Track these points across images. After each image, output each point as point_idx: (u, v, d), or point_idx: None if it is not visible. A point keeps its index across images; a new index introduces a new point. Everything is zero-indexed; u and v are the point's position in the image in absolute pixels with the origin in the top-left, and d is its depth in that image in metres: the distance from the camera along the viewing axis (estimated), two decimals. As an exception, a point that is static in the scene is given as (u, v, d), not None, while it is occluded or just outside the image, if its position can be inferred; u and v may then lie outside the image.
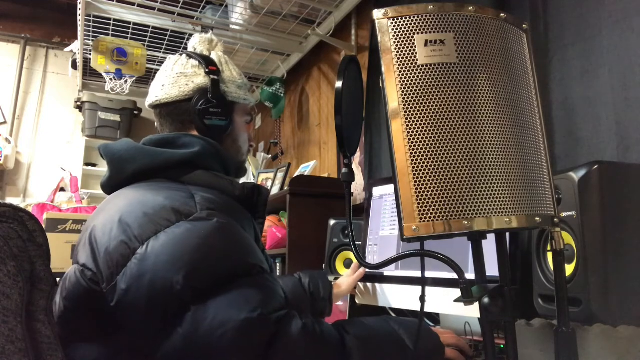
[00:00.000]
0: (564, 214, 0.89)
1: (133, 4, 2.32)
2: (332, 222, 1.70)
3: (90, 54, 2.66)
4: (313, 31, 2.52)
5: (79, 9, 2.24)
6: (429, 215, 0.54)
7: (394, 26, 0.58)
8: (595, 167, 0.88)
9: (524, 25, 0.63)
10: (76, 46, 2.75)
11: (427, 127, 0.55)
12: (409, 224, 0.54)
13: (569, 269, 0.89)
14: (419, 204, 0.54)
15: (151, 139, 1.00)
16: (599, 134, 1.23)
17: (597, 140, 1.24)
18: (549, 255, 0.96)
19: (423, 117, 0.55)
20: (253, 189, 1.00)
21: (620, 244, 0.85)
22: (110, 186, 0.97)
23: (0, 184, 3.66)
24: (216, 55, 1.10)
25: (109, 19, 2.43)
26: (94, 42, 2.58)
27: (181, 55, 1.09)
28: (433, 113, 0.55)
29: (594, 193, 0.87)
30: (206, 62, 1.06)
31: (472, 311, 0.99)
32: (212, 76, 1.04)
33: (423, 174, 0.54)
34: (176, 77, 1.05)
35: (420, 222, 0.54)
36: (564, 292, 0.62)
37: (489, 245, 0.64)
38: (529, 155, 0.59)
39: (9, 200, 3.62)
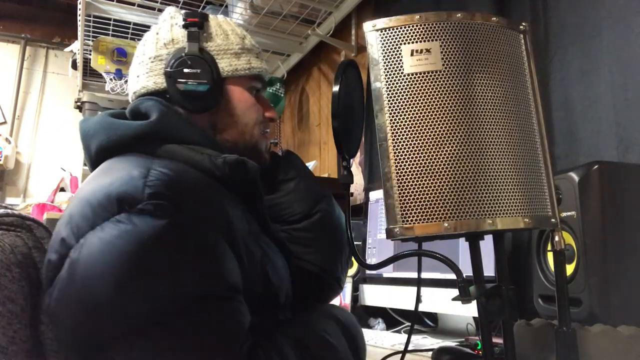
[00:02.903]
0: (564, 214, 0.89)
1: (133, 4, 2.32)
2: (332, 222, 1.69)
3: (90, 54, 2.65)
4: (313, 31, 2.52)
5: (79, 9, 2.23)
6: (411, 218, 0.56)
7: (382, 38, 0.59)
8: (595, 167, 0.88)
9: (520, 26, 0.63)
10: (76, 46, 2.75)
11: (409, 134, 0.57)
12: (392, 225, 0.56)
13: (569, 269, 0.89)
14: (401, 207, 0.56)
15: (129, 109, 0.82)
16: (599, 134, 1.23)
17: (597, 140, 1.24)
18: (549, 255, 0.96)
19: (406, 124, 0.57)
20: (237, 165, 0.75)
21: (620, 244, 0.85)
22: (89, 166, 0.81)
23: (0, 184, 3.66)
24: (214, 17, 0.88)
25: (109, 19, 2.43)
26: (94, 42, 2.58)
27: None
28: (416, 120, 0.57)
29: (594, 193, 0.87)
30: (188, 15, 0.84)
31: (473, 312, 0.99)
32: (190, 28, 0.82)
33: (406, 178, 0.56)
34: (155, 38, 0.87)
35: (403, 224, 0.56)
36: (564, 292, 0.62)
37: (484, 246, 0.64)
38: (522, 157, 0.59)
39: (9, 200, 3.62)
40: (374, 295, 1.55)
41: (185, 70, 0.80)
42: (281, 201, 0.89)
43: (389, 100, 0.57)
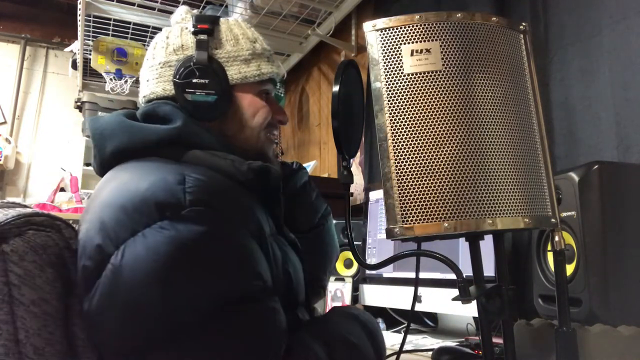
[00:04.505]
0: (564, 214, 0.89)
1: (133, 4, 2.32)
2: (332, 222, 1.70)
3: (90, 54, 2.66)
4: (313, 31, 2.52)
5: (79, 9, 2.24)
6: (411, 218, 0.56)
7: (382, 38, 0.59)
8: (595, 167, 0.88)
9: (520, 27, 0.63)
10: (76, 46, 2.75)
11: (409, 134, 0.57)
12: (392, 225, 0.56)
13: (569, 269, 0.89)
14: (401, 207, 0.56)
15: (143, 111, 0.82)
16: (599, 134, 1.23)
17: (597, 140, 1.24)
18: (549, 255, 0.96)
19: (406, 124, 0.57)
20: (261, 172, 0.76)
21: (620, 244, 0.85)
22: (98, 167, 0.80)
23: (0, 184, 3.66)
24: (225, 20, 0.86)
25: (109, 19, 2.43)
26: (94, 42, 2.58)
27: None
28: (416, 120, 0.57)
29: (594, 193, 0.87)
30: (198, 20, 0.83)
31: (473, 312, 0.99)
32: (200, 35, 0.81)
33: (406, 178, 0.56)
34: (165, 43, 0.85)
35: (403, 224, 0.56)
36: (564, 292, 0.62)
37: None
38: (522, 157, 0.59)
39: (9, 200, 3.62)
40: (374, 295, 1.55)
41: (194, 80, 0.79)
42: (299, 210, 0.92)
43: (389, 100, 0.58)
